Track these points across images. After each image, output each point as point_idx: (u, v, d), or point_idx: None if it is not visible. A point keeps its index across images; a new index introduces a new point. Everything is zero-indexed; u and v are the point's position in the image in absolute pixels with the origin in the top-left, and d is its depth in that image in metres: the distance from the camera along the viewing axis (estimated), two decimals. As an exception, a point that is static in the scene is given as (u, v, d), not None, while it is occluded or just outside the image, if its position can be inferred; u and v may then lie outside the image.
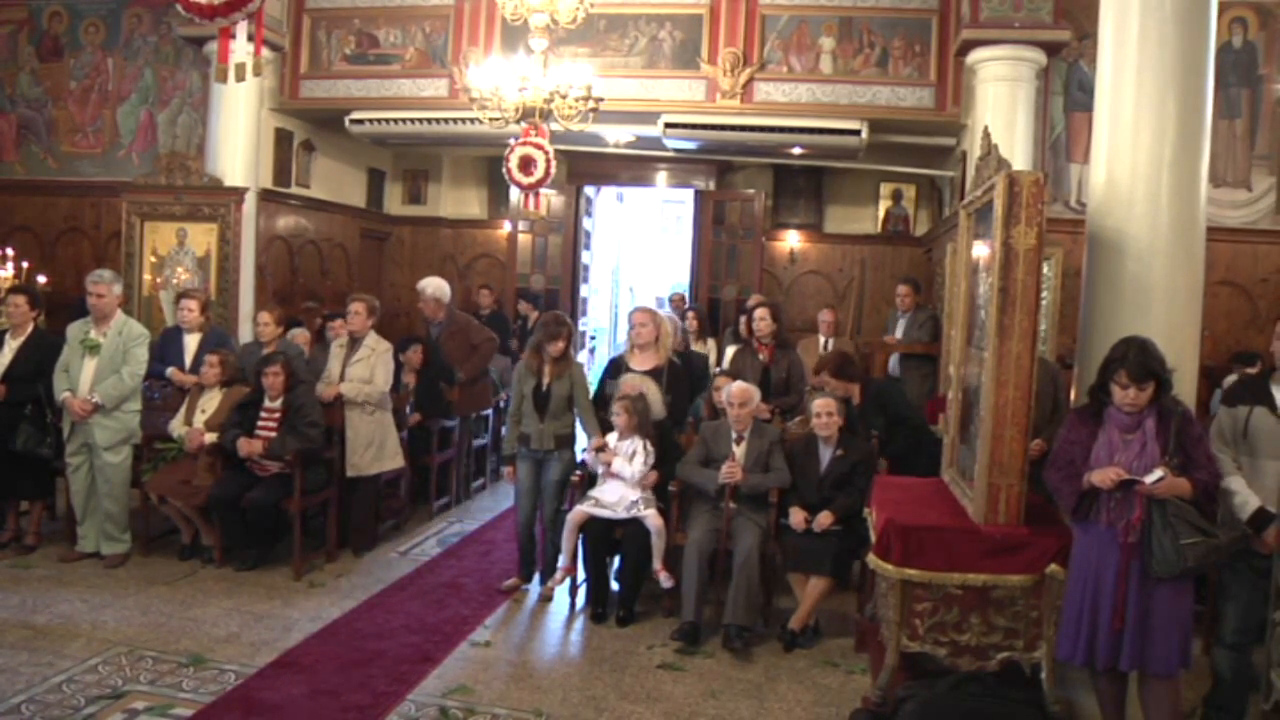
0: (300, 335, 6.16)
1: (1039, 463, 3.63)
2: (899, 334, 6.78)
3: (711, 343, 7.28)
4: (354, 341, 5.35)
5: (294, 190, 8.35)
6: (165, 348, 5.65)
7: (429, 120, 7.77)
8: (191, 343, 5.62)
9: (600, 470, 4.65)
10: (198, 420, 5.09)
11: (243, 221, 7.20)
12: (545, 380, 4.70)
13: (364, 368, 5.26)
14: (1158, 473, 2.85)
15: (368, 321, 5.34)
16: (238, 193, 7.22)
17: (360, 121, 7.89)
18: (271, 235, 8.05)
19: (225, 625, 4.17)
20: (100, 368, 4.85)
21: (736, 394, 4.51)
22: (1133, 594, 2.89)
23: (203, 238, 7.17)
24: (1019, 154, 6.29)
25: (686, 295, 9.62)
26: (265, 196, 7.79)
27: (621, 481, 4.53)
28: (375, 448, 5.28)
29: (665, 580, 4.41)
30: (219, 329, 6.16)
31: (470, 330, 6.71)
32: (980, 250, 3.62)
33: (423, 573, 5.06)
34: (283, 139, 8.14)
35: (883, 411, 4.66)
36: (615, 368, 5.01)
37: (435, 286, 6.55)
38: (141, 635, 4.00)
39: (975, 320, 3.65)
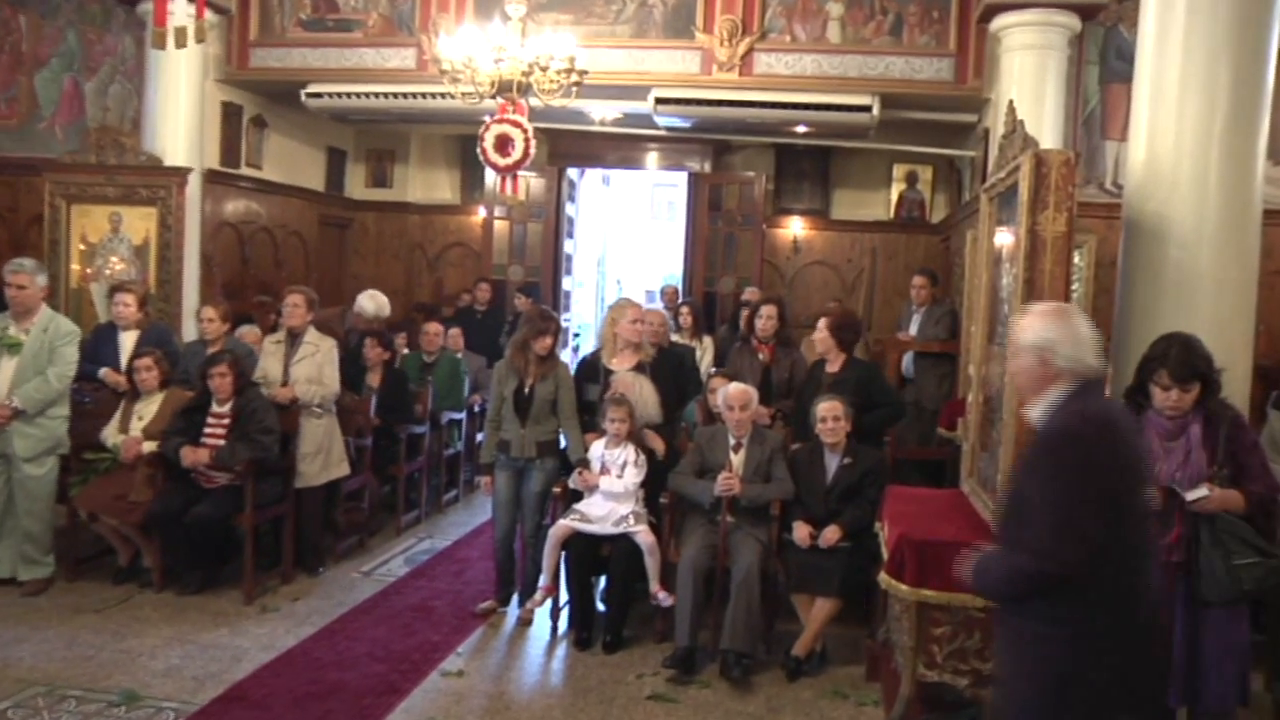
0: (249, 333, 6.11)
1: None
2: (914, 330, 6.77)
3: (708, 340, 7.25)
4: (293, 338, 5.30)
5: (244, 171, 8.29)
6: (98, 346, 5.58)
7: (395, 94, 7.72)
8: (128, 340, 5.55)
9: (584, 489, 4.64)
10: (134, 427, 5.03)
11: (186, 205, 7.13)
12: (528, 381, 4.67)
13: (309, 366, 5.23)
14: (1201, 490, 2.82)
15: (307, 316, 5.29)
16: (180, 173, 7.15)
17: (318, 95, 7.83)
18: (219, 221, 7.99)
19: (165, 657, 4.11)
20: (21, 369, 4.77)
21: (734, 396, 4.49)
22: (1179, 620, 2.87)
23: (140, 223, 7.08)
24: (1048, 131, 6.28)
25: (680, 288, 9.60)
26: (211, 178, 7.73)
27: (613, 497, 4.52)
28: (323, 455, 5.25)
29: (665, 599, 4.39)
30: (160, 325, 6.09)
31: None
32: (1003, 238, 3.61)
33: (389, 595, 5.03)
34: (230, 114, 8.07)
35: (857, 394, 4.64)
36: (590, 369, 4.97)
37: (378, 305, 6.75)
38: (65, 672, 3.92)
39: (998, 315, 3.65)
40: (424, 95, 7.59)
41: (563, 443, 4.84)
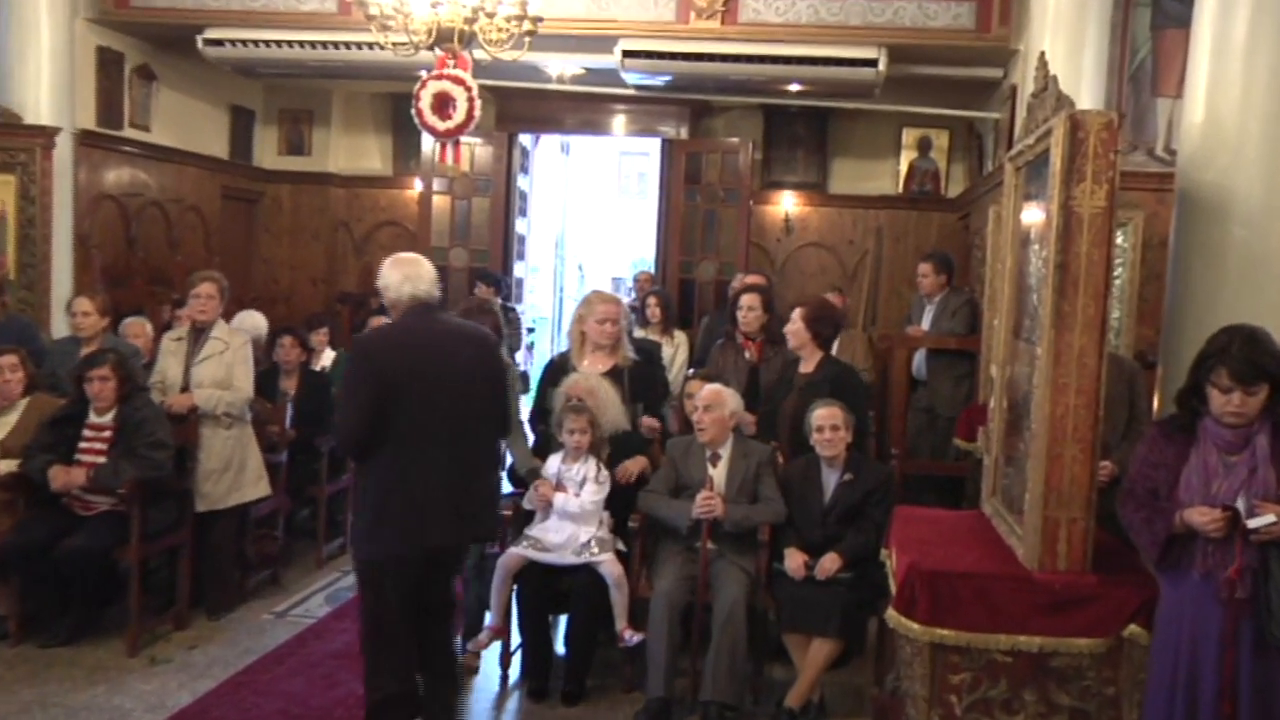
0: (134, 326, 6.05)
1: (1110, 490, 3.63)
2: (926, 324, 6.79)
3: (680, 335, 7.24)
4: (197, 333, 5.28)
5: (127, 133, 8.19)
6: (-59, 345, 5.47)
7: (312, 43, 7.67)
8: (-21, 338, 5.46)
9: (539, 508, 4.62)
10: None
11: (54, 174, 7.05)
12: None
13: (216, 366, 5.20)
14: (1268, 517, 2.80)
15: (220, 307, 5.27)
16: (44, 134, 7.04)
17: (218, 42, 7.76)
18: (97, 193, 7.88)
19: (24, 724, 4.04)
20: None
21: (704, 396, 4.52)
22: (1244, 668, 2.86)
23: (-7, 194, 6.97)
24: (1087, 87, 6.27)
25: (653, 275, 9.56)
26: (86, 140, 7.62)
27: (569, 517, 4.49)
28: (233, 472, 5.22)
29: (632, 637, 4.39)
30: (21, 319, 6.04)
31: None
32: (1032, 215, 3.61)
33: (307, 640, 5.00)
34: (109, 63, 7.93)
35: (829, 398, 4.64)
36: (557, 372, 4.98)
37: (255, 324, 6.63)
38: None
39: (1025, 306, 3.64)
40: (347, 45, 7.55)
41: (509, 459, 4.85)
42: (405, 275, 3.63)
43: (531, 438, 4.98)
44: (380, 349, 3.63)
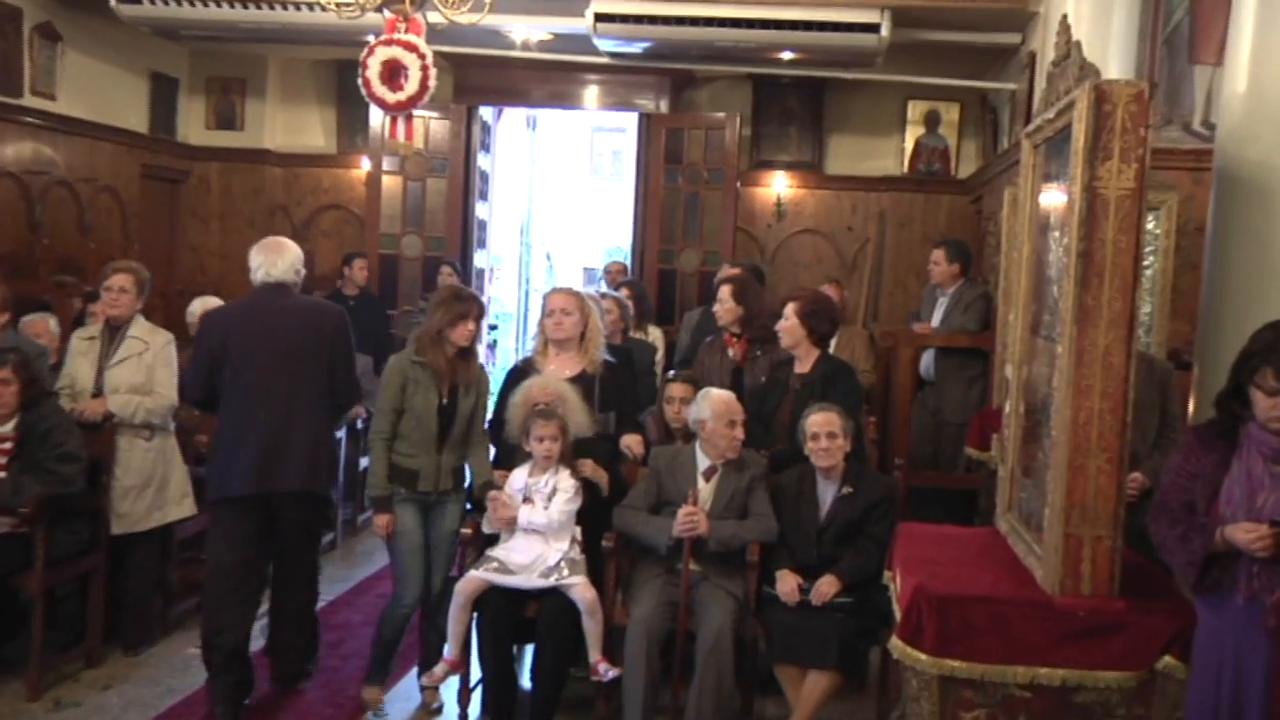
0: (39, 324, 5.97)
1: (1140, 505, 3.64)
2: (935, 320, 6.82)
3: (655, 332, 7.22)
4: (112, 331, 5.23)
5: (29, 102, 8.10)
6: None
7: (244, 2, 7.65)
8: None
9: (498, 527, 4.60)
10: None
11: (-61, 147, 7.01)
12: (445, 389, 4.64)
13: (134, 370, 5.15)
14: None
15: (137, 303, 5.22)
16: (-72, 101, 7.01)
17: (134, -1, 7.71)
18: (-7, 169, 7.81)
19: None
20: None
21: (721, 406, 4.47)
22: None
23: None
24: (1114, 55, 6.26)
25: (628, 265, 9.57)
26: (-23, 109, 7.57)
27: (536, 535, 4.48)
28: (154, 489, 5.19)
29: (607, 671, 4.37)
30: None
31: None
32: (1053, 198, 3.63)
33: (236, 678, 4.93)
34: (3, 20, 7.83)
35: (823, 398, 4.68)
36: (520, 378, 4.94)
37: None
38: None
39: (1044, 299, 3.66)
40: (284, 4, 7.55)
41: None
42: (260, 262, 4.54)
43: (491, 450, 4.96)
44: (218, 320, 4.64)
